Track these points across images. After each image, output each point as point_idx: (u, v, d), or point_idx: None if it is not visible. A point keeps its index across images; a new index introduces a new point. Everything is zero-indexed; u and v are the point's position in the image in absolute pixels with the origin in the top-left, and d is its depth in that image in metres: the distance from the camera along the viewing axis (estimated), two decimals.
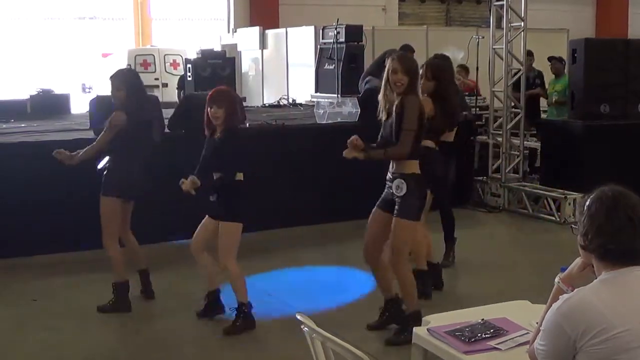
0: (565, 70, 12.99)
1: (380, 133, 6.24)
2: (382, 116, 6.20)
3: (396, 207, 6.12)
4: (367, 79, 12.57)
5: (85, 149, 7.17)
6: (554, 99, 13.03)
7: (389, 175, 6.20)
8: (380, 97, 6.20)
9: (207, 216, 6.68)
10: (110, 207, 7.06)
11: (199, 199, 6.52)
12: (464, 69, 13.70)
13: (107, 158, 7.13)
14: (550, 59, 13.52)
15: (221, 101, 6.57)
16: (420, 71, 7.03)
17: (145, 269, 7.54)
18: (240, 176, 6.52)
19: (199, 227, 6.70)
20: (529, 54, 13.20)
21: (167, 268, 8.12)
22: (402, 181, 6.06)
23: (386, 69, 6.14)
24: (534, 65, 13.70)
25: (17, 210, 8.70)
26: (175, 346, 6.39)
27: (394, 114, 6.05)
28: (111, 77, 7.25)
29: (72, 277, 8.21)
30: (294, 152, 9.98)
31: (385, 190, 6.26)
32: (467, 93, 13.01)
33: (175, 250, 8.55)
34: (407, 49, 13.09)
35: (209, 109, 6.54)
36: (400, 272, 6.25)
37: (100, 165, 7.13)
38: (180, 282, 7.87)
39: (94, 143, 7.18)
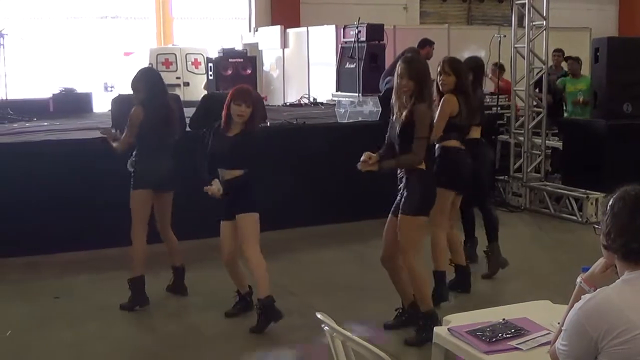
0: (584, 70, 12.96)
1: (388, 133, 6.22)
2: (393, 116, 6.18)
3: (400, 204, 6.13)
4: (387, 78, 12.56)
5: (120, 140, 7.28)
6: (580, 99, 12.95)
7: (399, 178, 6.20)
8: (393, 97, 6.18)
9: (222, 223, 6.68)
10: (136, 199, 7.15)
11: (214, 201, 6.55)
12: (499, 67, 13.54)
13: (133, 155, 7.22)
14: (567, 58, 13.45)
15: (250, 100, 6.59)
16: (438, 68, 7.03)
17: (180, 266, 7.62)
18: None
19: (222, 240, 6.70)
20: (559, 52, 13.14)
21: (195, 265, 8.12)
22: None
23: (396, 71, 6.13)
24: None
25: (39, 208, 8.76)
26: (196, 344, 6.40)
27: (403, 119, 6.03)
28: (133, 77, 7.29)
29: (94, 275, 8.26)
30: (315, 151, 9.97)
31: (398, 196, 6.25)
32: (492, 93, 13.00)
33: (204, 247, 8.55)
34: (426, 43, 13.08)
35: (235, 105, 6.52)
36: (410, 269, 6.24)
37: (128, 165, 7.21)
38: (207, 279, 7.86)
39: (121, 139, 7.26)
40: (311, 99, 15.22)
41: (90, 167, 8.93)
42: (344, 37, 13.63)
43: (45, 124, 11.34)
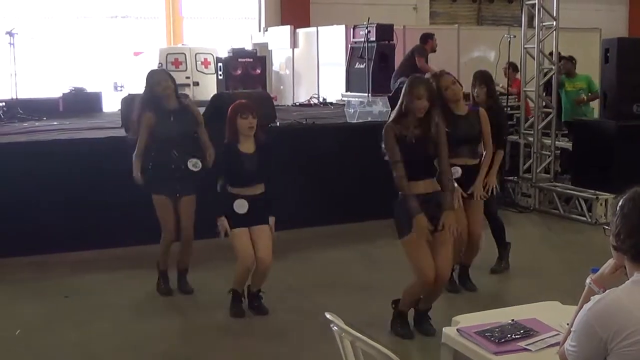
0: (594, 70, 12.94)
1: (409, 152, 6.08)
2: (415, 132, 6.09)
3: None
4: (400, 79, 12.57)
5: (133, 161, 7.34)
6: (583, 97, 12.94)
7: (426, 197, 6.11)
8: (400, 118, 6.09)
9: (241, 230, 6.71)
10: (155, 202, 7.36)
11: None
12: (513, 66, 13.55)
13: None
14: (560, 58, 13.45)
15: (254, 110, 6.71)
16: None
17: (182, 268, 7.70)
18: None
19: (246, 247, 6.71)
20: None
21: (205, 265, 8.12)
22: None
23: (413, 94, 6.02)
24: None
25: (48, 207, 8.78)
26: (204, 342, 6.41)
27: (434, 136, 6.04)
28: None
29: (103, 274, 8.29)
30: (324, 151, 9.97)
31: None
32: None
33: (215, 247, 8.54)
34: (427, 37, 13.09)
35: (243, 119, 6.60)
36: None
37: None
38: (215, 278, 7.86)
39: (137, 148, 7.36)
40: (321, 99, 15.22)
41: (100, 166, 8.95)
42: (353, 37, 13.67)
43: (55, 123, 11.36)
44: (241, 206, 6.64)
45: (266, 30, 20.26)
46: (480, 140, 7.31)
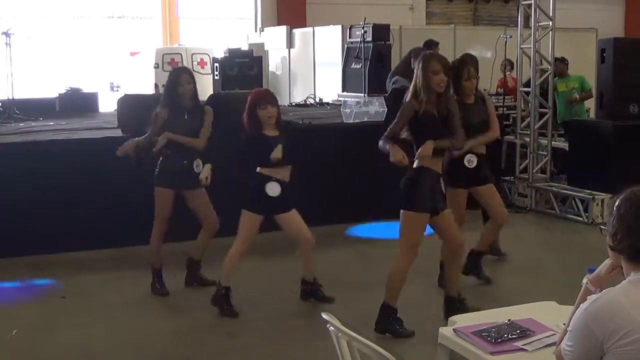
0: (590, 71, 12.96)
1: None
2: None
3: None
4: (394, 79, 12.53)
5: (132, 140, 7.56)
6: (576, 96, 12.96)
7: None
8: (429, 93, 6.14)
9: (255, 216, 6.84)
10: (157, 194, 7.46)
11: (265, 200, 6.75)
12: (510, 63, 13.58)
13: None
14: None
15: (275, 100, 6.83)
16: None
17: (192, 257, 7.80)
18: None
19: (252, 231, 6.87)
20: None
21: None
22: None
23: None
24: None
25: (45, 208, 8.78)
26: (202, 341, 6.41)
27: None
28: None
29: (101, 275, 8.28)
30: (321, 152, 9.97)
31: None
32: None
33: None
34: (431, 44, 13.07)
35: (262, 109, 6.66)
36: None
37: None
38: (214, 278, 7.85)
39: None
40: (317, 99, 15.22)
41: (96, 167, 8.95)
42: (350, 37, 13.63)
43: (52, 123, 11.35)
44: (273, 189, 6.72)
45: (262, 31, 20.26)
46: (489, 126, 7.44)
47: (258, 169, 6.75)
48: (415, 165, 6.10)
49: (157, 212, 7.51)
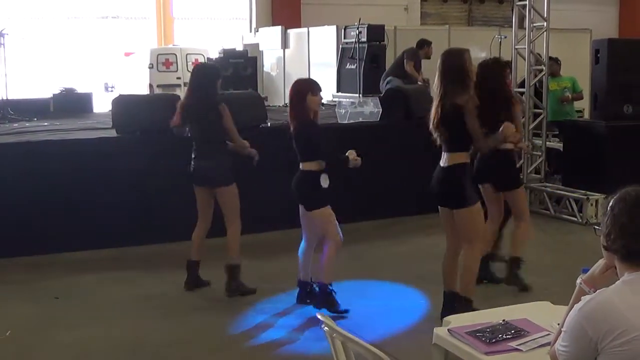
0: (584, 71, 12.99)
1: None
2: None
3: None
4: (387, 79, 12.55)
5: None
6: (568, 95, 12.99)
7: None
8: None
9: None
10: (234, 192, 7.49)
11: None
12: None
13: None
14: None
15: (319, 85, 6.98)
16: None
17: (191, 259, 7.73)
18: None
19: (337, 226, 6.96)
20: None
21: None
22: None
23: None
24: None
25: (39, 208, 8.76)
26: (196, 343, 6.40)
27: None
28: None
29: (95, 275, 8.25)
30: None
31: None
32: None
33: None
34: (424, 44, 13.10)
35: (315, 96, 6.83)
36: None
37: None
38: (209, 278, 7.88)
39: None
40: None
41: (91, 167, 8.94)
42: (344, 38, 13.67)
43: (46, 124, 11.34)
44: (325, 180, 6.79)
45: (257, 31, 20.27)
46: None
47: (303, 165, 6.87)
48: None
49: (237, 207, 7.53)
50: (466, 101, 6.12)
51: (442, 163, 6.38)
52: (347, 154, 6.84)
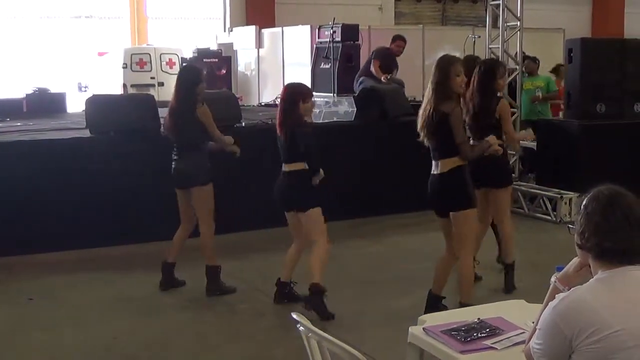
0: (539, 70, 13.12)
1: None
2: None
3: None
4: (360, 79, 12.55)
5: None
6: (539, 95, 13.07)
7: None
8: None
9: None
10: (208, 192, 7.46)
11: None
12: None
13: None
14: (524, 58, 13.56)
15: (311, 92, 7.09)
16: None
17: (167, 261, 7.69)
18: None
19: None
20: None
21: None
22: None
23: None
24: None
25: (12, 209, 8.69)
26: (170, 343, 6.37)
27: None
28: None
29: (69, 276, 8.19)
30: None
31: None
32: None
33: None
34: (396, 38, 13.10)
35: (308, 104, 6.79)
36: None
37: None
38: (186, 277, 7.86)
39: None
40: None
41: (65, 167, 8.88)
42: (319, 38, 13.65)
43: (19, 124, 11.24)
44: (318, 178, 6.83)
45: (231, 31, 20.23)
46: None
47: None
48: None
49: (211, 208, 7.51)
50: (452, 109, 6.11)
51: (435, 170, 6.29)
52: None
